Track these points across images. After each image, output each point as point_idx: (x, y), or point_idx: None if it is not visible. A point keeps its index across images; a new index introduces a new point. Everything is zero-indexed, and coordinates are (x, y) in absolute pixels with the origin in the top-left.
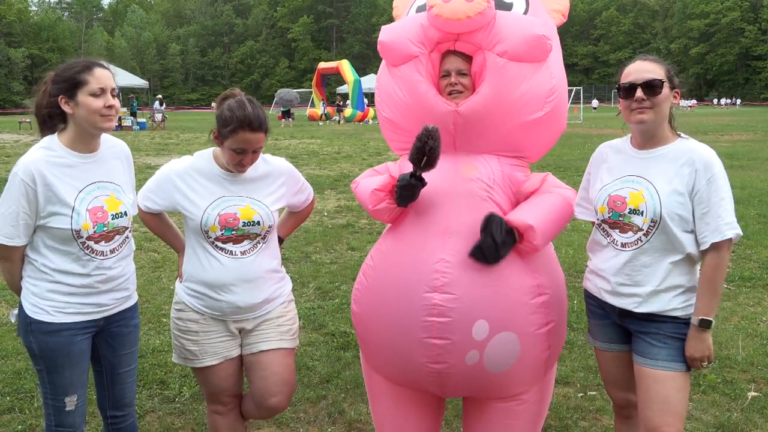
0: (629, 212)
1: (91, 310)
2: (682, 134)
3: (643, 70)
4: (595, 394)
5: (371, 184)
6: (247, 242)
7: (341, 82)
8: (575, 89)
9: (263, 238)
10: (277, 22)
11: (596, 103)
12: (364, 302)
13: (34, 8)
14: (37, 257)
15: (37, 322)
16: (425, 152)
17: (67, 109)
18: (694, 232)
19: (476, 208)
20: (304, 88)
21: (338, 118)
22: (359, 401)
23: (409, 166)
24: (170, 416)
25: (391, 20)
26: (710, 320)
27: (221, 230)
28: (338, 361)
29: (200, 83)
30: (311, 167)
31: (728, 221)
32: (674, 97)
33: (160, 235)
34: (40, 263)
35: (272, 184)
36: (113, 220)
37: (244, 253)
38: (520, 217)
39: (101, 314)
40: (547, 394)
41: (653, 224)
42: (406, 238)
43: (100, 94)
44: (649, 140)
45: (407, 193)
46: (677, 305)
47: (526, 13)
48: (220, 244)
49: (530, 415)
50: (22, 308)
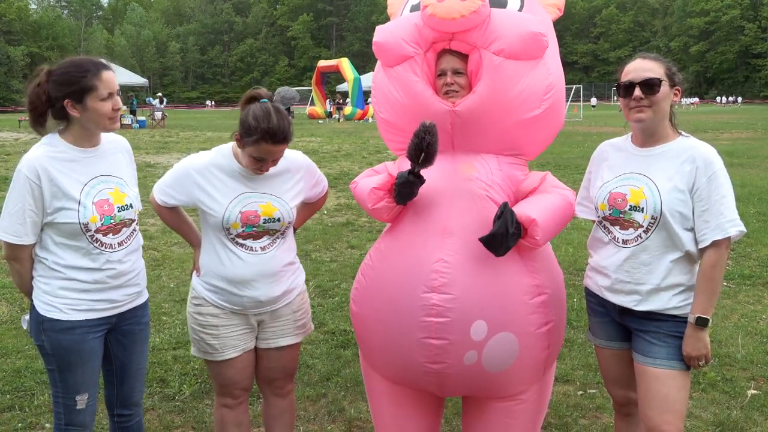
0: (630, 209)
1: (103, 306)
2: (682, 132)
3: (641, 68)
4: (595, 392)
5: (370, 183)
6: (266, 238)
7: (341, 80)
8: (575, 87)
9: (282, 233)
10: (276, 20)
11: (595, 101)
12: (363, 302)
13: (33, 6)
14: (47, 255)
15: (49, 320)
16: (423, 148)
17: (74, 113)
18: (693, 229)
19: (475, 207)
20: (303, 86)
21: (338, 116)
22: (359, 399)
23: (407, 164)
24: (170, 414)
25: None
26: (707, 318)
27: (242, 227)
28: (338, 359)
29: (200, 81)
30: None
31: (730, 218)
32: (674, 95)
33: (175, 228)
34: (50, 261)
35: (291, 179)
36: (119, 212)
37: (263, 248)
38: (524, 211)
39: (114, 311)
40: (546, 393)
41: (653, 221)
42: (404, 237)
43: (108, 98)
44: (649, 138)
45: (406, 190)
46: (677, 304)
47: (521, 10)
48: (240, 240)
49: (529, 414)
50: (33, 309)
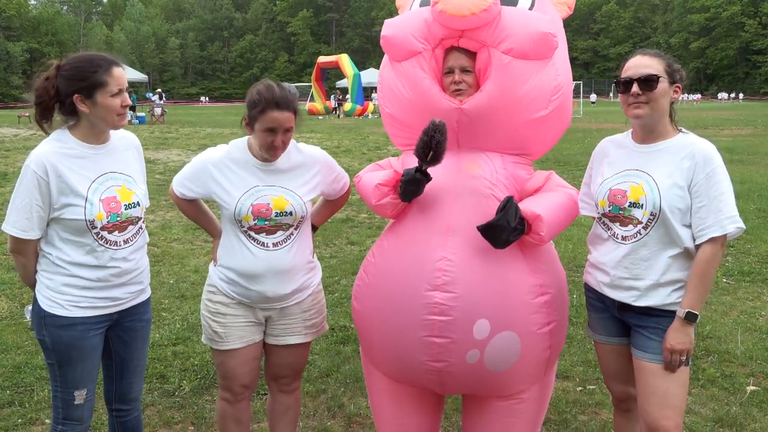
0: (629, 205)
1: (105, 304)
2: (682, 129)
3: (640, 65)
4: (594, 388)
5: (374, 178)
6: (280, 233)
7: (341, 76)
8: (575, 83)
9: (296, 228)
10: (276, 16)
11: (594, 97)
12: (364, 299)
13: (33, 2)
14: (51, 251)
15: (51, 315)
16: (432, 146)
17: (83, 108)
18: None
19: (479, 206)
20: (303, 82)
21: (337, 112)
22: (359, 395)
23: (412, 161)
24: (170, 410)
25: (390, 14)
26: (697, 314)
27: (254, 220)
28: (338, 355)
29: (199, 77)
30: None
31: (729, 215)
32: (674, 92)
33: (195, 220)
34: (55, 257)
35: (306, 173)
36: (126, 210)
37: (276, 244)
38: (529, 207)
39: (115, 308)
40: (547, 393)
41: (653, 217)
42: (408, 235)
43: (118, 93)
44: (649, 134)
45: (412, 188)
46: (675, 299)
47: (531, 8)
48: (253, 234)
49: (530, 413)
50: (36, 302)
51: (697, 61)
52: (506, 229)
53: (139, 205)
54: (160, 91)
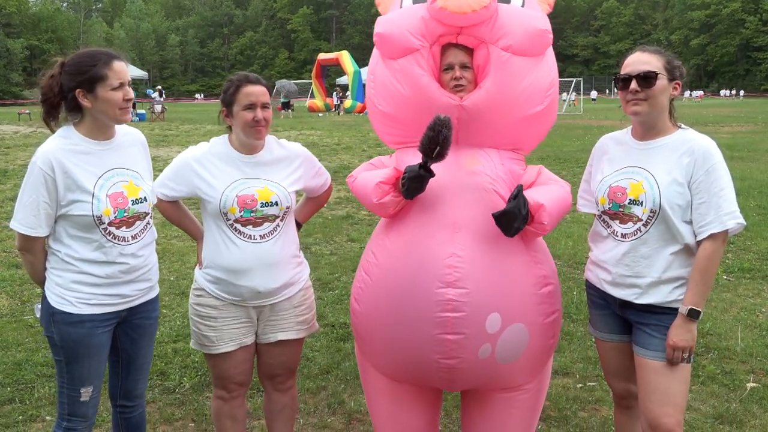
0: (629, 203)
1: (114, 301)
2: (682, 125)
3: (639, 61)
4: (594, 384)
5: (374, 177)
6: (267, 225)
7: (341, 73)
8: (575, 80)
9: (282, 219)
10: (276, 12)
11: (595, 94)
12: (367, 300)
13: None
14: (60, 248)
15: (60, 312)
16: (438, 142)
17: (85, 103)
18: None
19: (482, 201)
20: (303, 79)
21: (338, 109)
22: (359, 392)
23: (407, 158)
24: (170, 406)
25: None
26: (699, 311)
27: (240, 212)
28: (338, 352)
29: (200, 74)
30: None
31: (729, 211)
32: (674, 89)
33: (177, 223)
34: (63, 254)
35: (288, 166)
36: (133, 205)
37: (263, 237)
38: (531, 196)
39: (124, 305)
40: (545, 383)
41: (653, 214)
42: (411, 233)
43: (119, 87)
44: (649, 131)
45: (416, 185)
46: (677, 297)
47: (523, 6)
48: (239, 227)
49: (530, 404)
50: (45, 299)
51: (697, 58)
52: (518, 216)
53: (146, 200)
54: (160, 88)
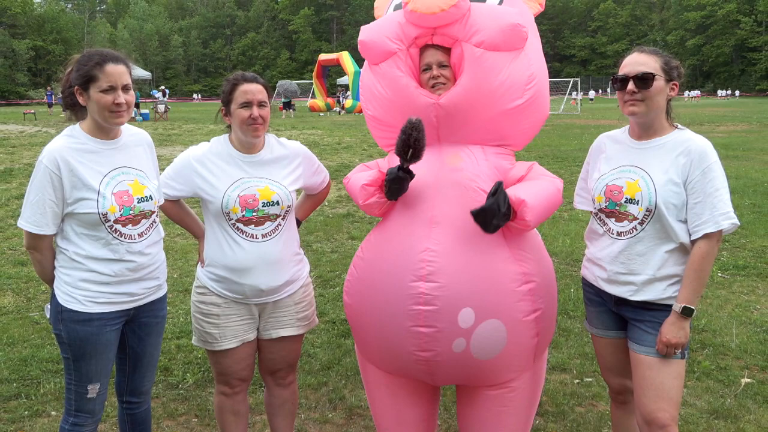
0: (625, 201)
1: (122, 299)
2: (678, 125)
3: (637, 62)
4: (591, 380)
5: (360, 179)
6: (268, 224)
7: (342, 73)
8: (573, 81)
9: (283, 218)
10: (278, 14)
11: (593, 94)
12: (355, 293)
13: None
14: (68, 246)
15: (68, 310)
16: (410, 144)
17: (81, 101)
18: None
19: (462, 197)
20: (305, 79)
21: (338, 109)
22: (359, 387)
23: (396, 160)
24: (174, 402)
25: None
26: (693, 309)
27: (242, 211)
28: (339, 348)
29: (202, 75)
30: None
31: (723, 211)
32: (671, 89)
33: (179, 222)
34: (71, 252)
35: (288, 165)
36: (139, 203)
37: (264, 236)
38: (514, 192)
39: (132, 304)
40: (538, 382)
41: (648, 213)
42: (393, 229)
43: (108, 90)
44: (646, 131)
45: (396, 186)
46: (672, 294)
47: (500, 4)
48: (241, 226)
49: (522, 402)
50: (53, 297)
51: (693, 58)
52: (497, 213)
53: (151, 198)
54: (163, 88)
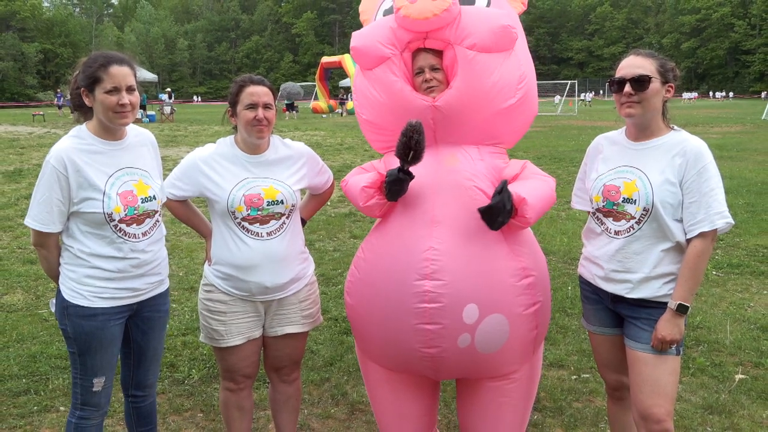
0: (623, 201)
1: (125, 294)
2: (674, 126)
3: (633, 65)
4: (588, 376)
5: (360, 181)
6: (273, 222)
7: (344, 75)
8: (570, 83)
9: (287, 217)
10: (281, 17)
11: (590, 96)
12: (357, 293)
13: (46, 4)
14: (73, 243)
15: (73, 306)
16: (411, 146)
17: (87, 102)
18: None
19: (461, 196)
20: (307, 81)
21: (341, 110)
22: (361, 383)
23: (394, 161)
24: (180, 397)
25: None
26: (688, 306)
27: (247, 210)
28: (341, 345)
29: (207, 77)
30: None
31: (718, 210)
32: (667, 91)
33: (186, 221)
34: (76, 249)
35: (293, 165)
36: (143, 203)
37: (270, 234)
38: (515, 190)
39: (135, 299)
40: (536, 373)
41: (645, 212)
42: (394, 229)
43: (113, 91)
44: (642, 132)
45: (396, 187)
46: (667, 291)
47: (488, 6)
48: (246, 224)
49: (521, 393)
50: (59, 293)
51: (688, 60)
52: (503, 210)
53: (155, 198)
54: (169, 90)
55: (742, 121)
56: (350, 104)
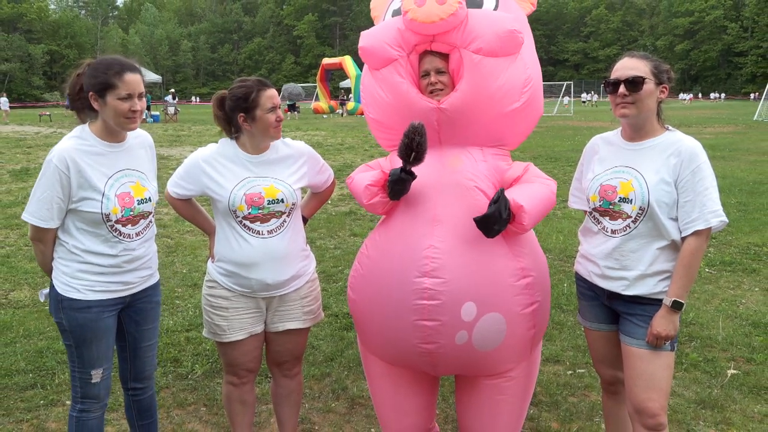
0: (619, 200)
1: (117, 288)
2: (669, 127)
3: (627, 67)
4: (583, 371)
5: (364, 179)
6: (273, 221)
7: (344, 76)
8: (566, 84)
9: (288, 215)
10: (283, 19)
11: (595, 97)
12: (359, 289)
13: (53, 6)
14: (68, 239)
15: (67, 299)
16: (413, 148)
17: (95, 106)
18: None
19: (463, 197)
20: (309, 82)
21: (341, 111)
22: (361, 378)
23: (398, 161)
24: (183, 392)
25: None
26: (683, 303)
27: (248, 209)
28: (341, 340)
29: (211, 78)
30: None
31: (712, 209)
32: (661, 92)
33: (190, 219)
34: (71, 245)
35: (293, 164)
36: (139, 205)
37: (271, 232)
38: (513, 197)
39: (127, 291)
40: (533, 371)
41: (641, 211)
42: (397, 228)
43: (126, 98)
44: (637, 132)
45: (399, 187)
46: (662, 289)
47: (496, 8)
48: (248, 223)
49: (518, 391)
50: (52, 287)
51: (681, 62)
52: (498, 219)
53: (150, 200)
54: (173, 91)
55: (734, 121)
56: (350, 105)
